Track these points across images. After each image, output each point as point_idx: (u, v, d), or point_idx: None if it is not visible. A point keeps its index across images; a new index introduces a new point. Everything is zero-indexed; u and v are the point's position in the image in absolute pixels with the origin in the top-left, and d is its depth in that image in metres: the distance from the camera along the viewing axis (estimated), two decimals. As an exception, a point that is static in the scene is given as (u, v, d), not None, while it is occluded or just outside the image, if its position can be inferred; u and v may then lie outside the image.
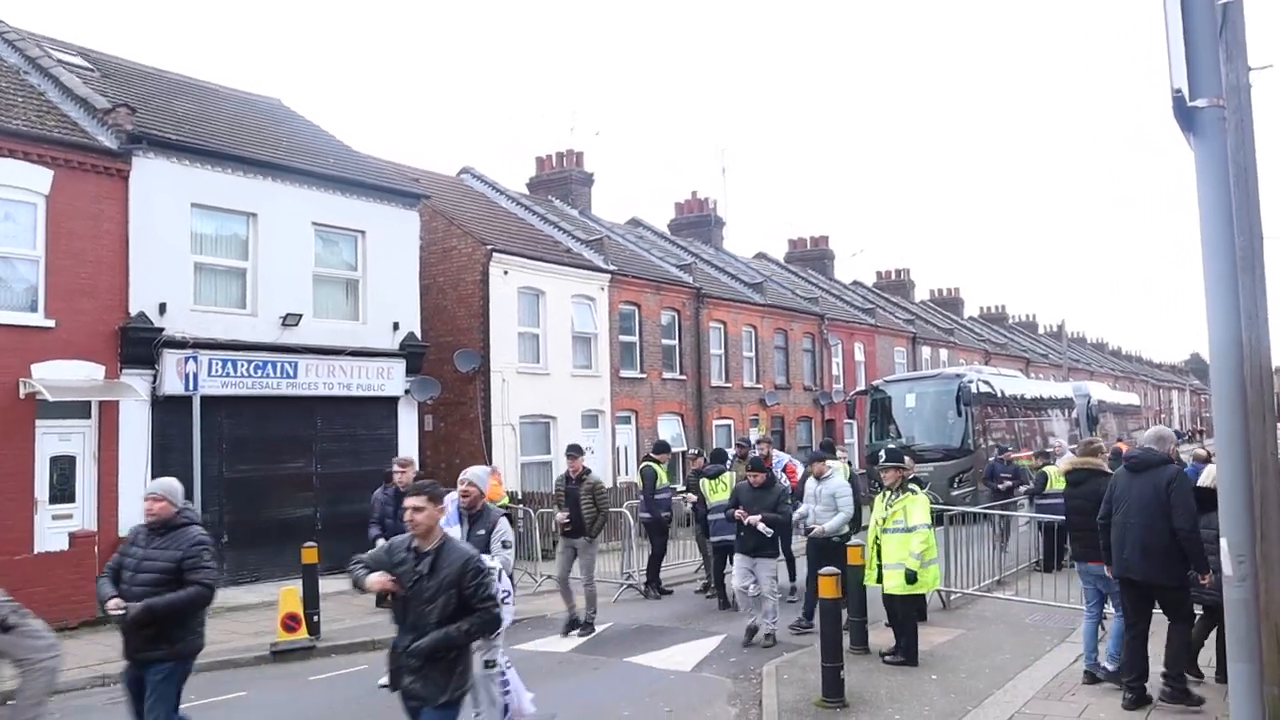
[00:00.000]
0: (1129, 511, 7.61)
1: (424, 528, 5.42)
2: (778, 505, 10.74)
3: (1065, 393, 35.19)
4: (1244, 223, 6.91)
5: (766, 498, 10.78)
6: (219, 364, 15.61)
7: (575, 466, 12.06)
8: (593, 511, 11.73)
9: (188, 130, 16.54)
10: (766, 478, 10.98)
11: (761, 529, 10.49)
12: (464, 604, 5.29)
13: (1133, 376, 77.40)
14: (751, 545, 10.65)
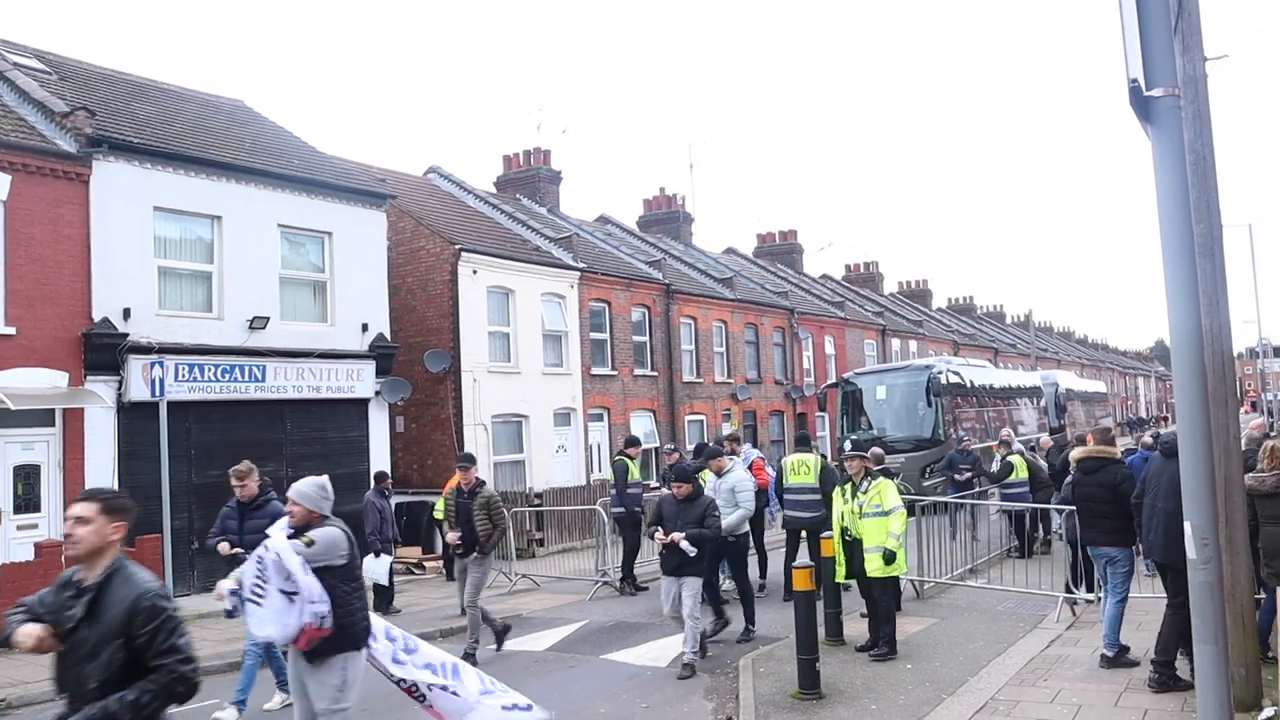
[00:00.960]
0: (1158, 495, 7.73)
1: (87, 549, 3.97)
2: (704, 518, 9.57)
3: (1034, 382, 35.53)
4: (1202, 211, 7.03)
5: (691, 511, 9.66)
6: (186, 369, 15.45)
7: (467, 479, 11.03)
8: (487, 527, 10.76)
9: (149, 133, 16.36)
10: (693, 488, 9.89)
11: (684, 547, 9.42)
12: (134, 661, 3.77)
13: (1099, 364, 78.23)
14: (674, 564, 9.64)
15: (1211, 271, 6.99)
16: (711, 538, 9.75)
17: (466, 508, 10.88)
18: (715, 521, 9.74)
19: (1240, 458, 7.45)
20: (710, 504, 9.87)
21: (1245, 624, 6.96)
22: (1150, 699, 7.55)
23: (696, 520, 9.61)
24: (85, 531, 3.98)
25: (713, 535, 9.73)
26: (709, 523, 9.63)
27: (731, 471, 10.77)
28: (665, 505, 9.92)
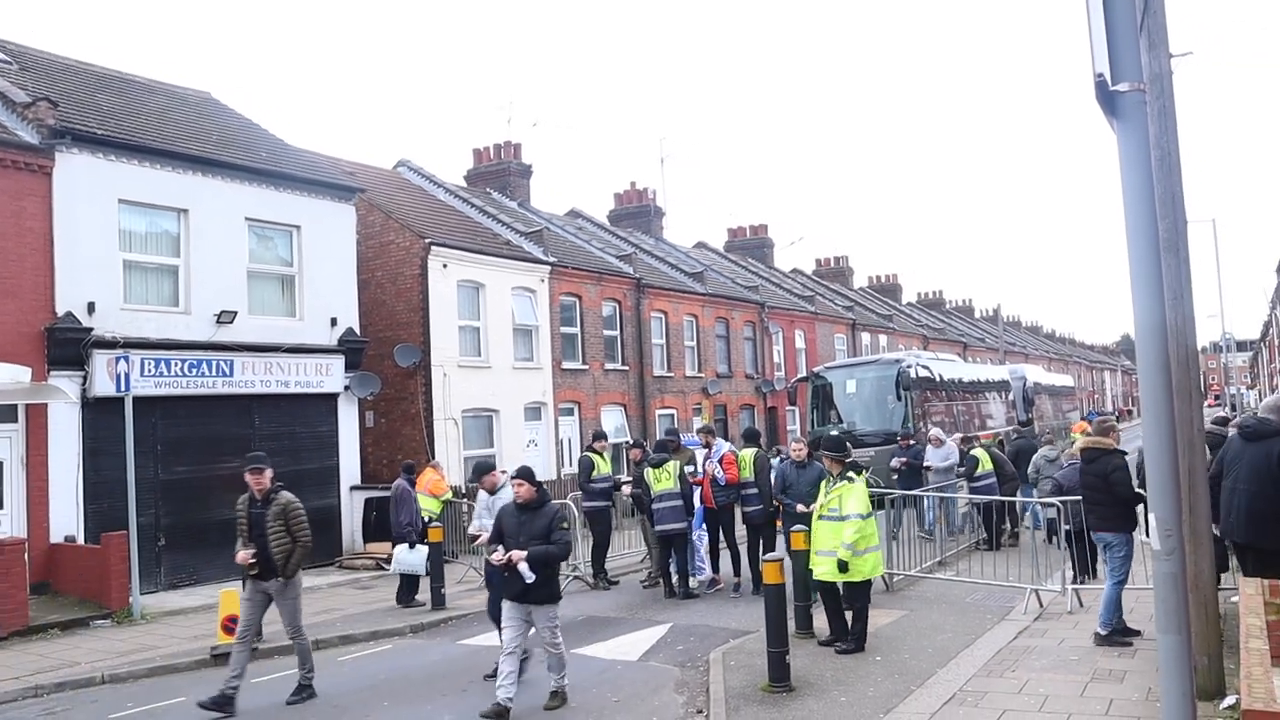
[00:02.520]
0: (1239, 477, 7.77)
1: None
2: (550, 532, 8.11)
3: (1002, 376, 35.79)
4: (1168, 206, 7.11)
5: (535, 523, 8.18)
6: (152, 363, 15.28)
7: (259, 484, 9.05)
8: (285, 543, 8.90)
9: (113, 125, 16.15)
10: (537, 494, 8.33)
11: (523, 572, 7.94)
12: None
13: (1066, 358, 79.00)
14: (518, 589, 8.07)
15: (1176, 266, 7.07)
16: (559, 557, 8.27)
17: (259, 519, 8.96)
18: (564, 536, 8.29)
19: (1204, 450, 7.55)
20: (557, 514, 8.29)
21: (1208, 614, 7.06)
22: (1115, 689, 7.64)
23: (541, 534, 8.13)
24: None
25: (560, 554, 8.27)
26: (557, 538, 8.15)
27: (506, 486, 8.98)
28: (505, 516, 8.42)
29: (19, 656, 11.18)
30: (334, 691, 9.32)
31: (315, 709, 8.76)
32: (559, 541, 8.18)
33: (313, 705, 8.89)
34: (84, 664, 10.73)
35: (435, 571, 13.38)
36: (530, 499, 8.31)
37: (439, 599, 13.18)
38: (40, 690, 9.83)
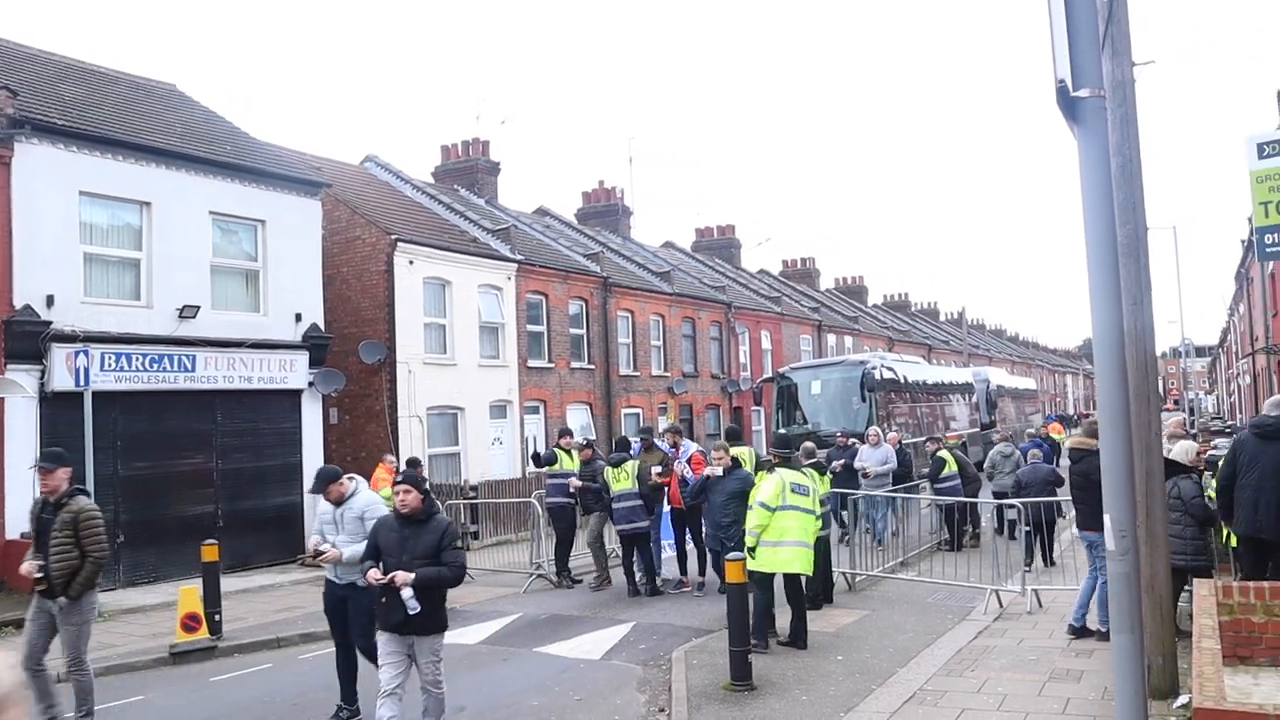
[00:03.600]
0: (1263, 475, 7.89)
1: None
2: (440, 550, 6.71)
3: (966, 378, 36.16)
4: (1128, 212, 7.21)
5: (421, 539, 6.73)
6: (112, 358, 15.08)
7: (50, 485, 7.75)
8: (72, 558, 7.50)
9: (75, 115, 15.92)
10: (424, 504, 6.87)
11: (405, 600, 6.54)
12: None
13: (1029, 362, 79.87)
14: (399, 618, 6.64)
15: (1136, 271, 7.17)
16: (451, 581, 6.85)
17: (46, 526, 7.65)
18: (458, 557, 6.86)
19: (1161, 454, 7.67)
20: (449, 529, 6.86)
21: (1163, 614, 7.17)
22: (1072, 688, 7.75)
23: (428, 552, 6.70)
24: None
25: (453, 578, 6.83)
26: (449, 558, 6.75)
27: (356, 495, 7.85)
28: (384, 531, 6.95)
29: (-28, 654, 10.99)
30: (294, 689, 9.25)
31: (274, 707, 8.69)
32: (452, 563, 6.74)
33: (272, 703, 8.82)
34: (39, 662, 10.55)
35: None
36: (416, 510, 6.77)
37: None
38: None
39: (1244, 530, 8.07)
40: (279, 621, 12.38)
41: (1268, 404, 8.72)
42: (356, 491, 7.89)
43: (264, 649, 11.19)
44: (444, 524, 6.91)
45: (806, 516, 9.66)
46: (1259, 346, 29.54)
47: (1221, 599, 6.32)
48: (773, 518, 9.54)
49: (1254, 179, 10.16)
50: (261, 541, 17.40)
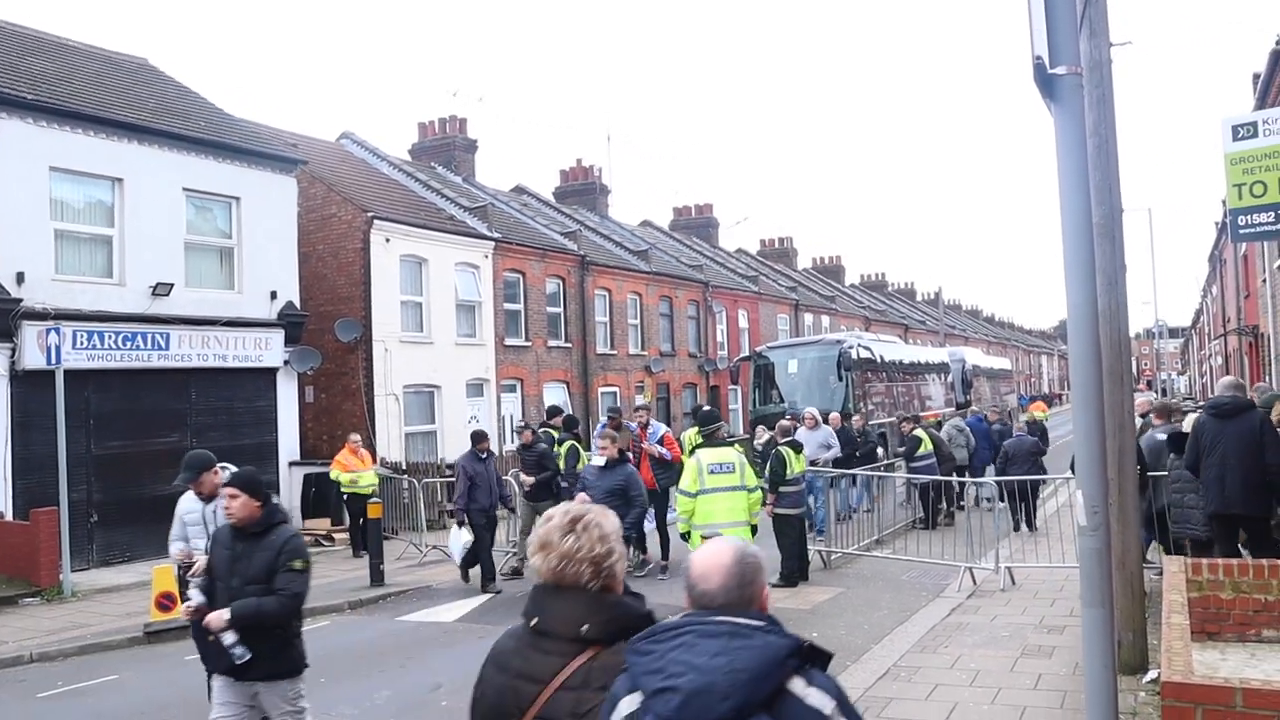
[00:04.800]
0: (1226, 453, 8.00)
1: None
2: (273, 572, 5.17)
3: (941, 358, 36.34)
4: (1104, 193, 7.24)
5: (255, 558, 5.24)
6: (84, 336, 14.94)
7: None
8: None
9: (45, 90, 15.68)
10: (262, 512, 5.30)
11: (227, 644, 5.12)
12: None
13: (1005, 342, 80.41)
14: (229, 664, 5.20)
15: (1111, 252, 7.21)
16: (277, 615, 5.17)
17: None
18: (294, 584, 5.20)
19: (1134, 432, 7.74)
20: (288, 545, 5.27)
21: (1134, 590, 7.26)
22: (1044, 664, 7.83)
23: (260, 575, 5.19)
24: None
25: (280, 611, 5.17)
26: (282, 584, 5.16)
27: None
28: (217, 546, 5.48)
29: (-56, 634, 10.92)
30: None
31: (251, 686, 8.67)
32: (282, 590, 5.15)
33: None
34: (10, 643, 10.51)
35: (374, 548, 13.28)
36: (247, 521, 5.28)
37: (377, 575, 13.09)
38: (-33, 668, 9.61)
39: (1214, 508, 8.20)
40: (255, 600, 12.34)
41: (1220, 385, 8.85)
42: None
43: (240, 628, 11.15)
44: (284, 538, 5.30)
45: (735, 494, 9.50)
46: (1231, 328, 29.86)
47: (1191, 576, 6.40)
48: (696, 502, 9.44)
49: (1228, 161, 10.23)
50: (237, 520, 17.32)
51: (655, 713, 2.12)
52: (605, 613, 2.56)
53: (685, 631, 2.22)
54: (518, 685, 2.56)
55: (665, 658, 2.18)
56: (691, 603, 2.36)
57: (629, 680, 2.25)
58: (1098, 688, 3.73)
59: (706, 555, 2.38)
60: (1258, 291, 22.52)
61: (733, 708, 2.06)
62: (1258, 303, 22.68)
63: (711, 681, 2.08)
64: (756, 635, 2.18)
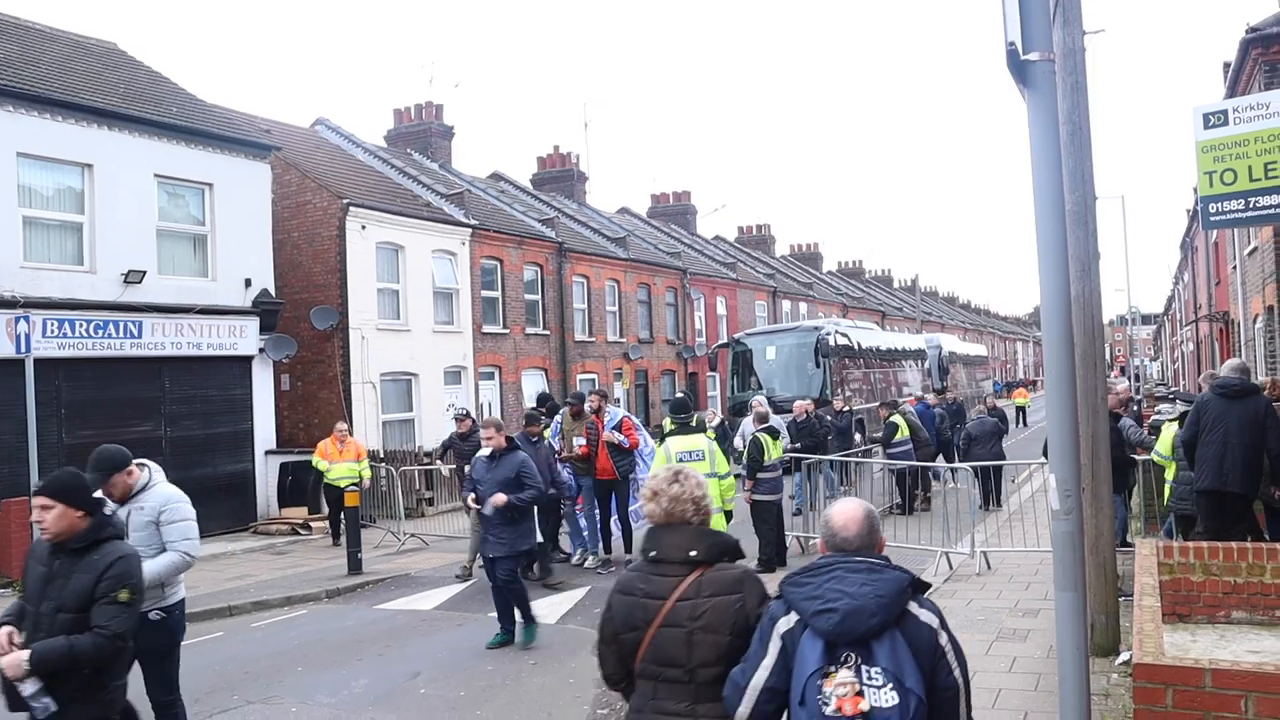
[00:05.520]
0: (1228, 433, 8.14)
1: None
2: (90, 601, 4.26)
3: (919, 344, 36.57)
4: (1077, 180, 7.28)
5: (72, 580, 4.34)
6: (55, 324, 14.77)
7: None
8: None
9: (10, 74, 15.44)
10: (88, 521, 4.45)
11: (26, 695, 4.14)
12: None
13: (981, 329, 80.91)
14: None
15: (1084, 238, 7.26)
16: (92, 658, 4.20)
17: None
18: (111, 618, 4.23)
19: (1107, 417, 7.81)
20: (112, 567, 4.30)
21: (1106, 574, 7.33)
22: (1019, 647, 7.90)
23: (76, 600, 4.27)
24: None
25: (93, 654, 4.19)
26: (104, 620, 4.22)
27: (150, 489, 5.67)
28: (30, 564, 4.62)
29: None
30: (246, 657, 9.19)
31: (226, 675, 8.63)
32: (102, 630, 4.20)
33: (224, 671, 8.76)
34: (-16, 632, 10.39)
35: (352, 536, 13.23)
36: (68, 534, 4.38)
37: (355, 564, 13.05)
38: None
39: (1208, 484, 8.36)
40: (231, 589, 12.28)
41: (1226, 367, 8.97)
42: (151, 484, 5.73)
43: (216, 617, 11.09)
44: (110, 559, 4.32)
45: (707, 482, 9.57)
46: (1202, 314, 30.14)
47: (1162, 559, 6.46)
48: None
49: (1199, 149, 10.29)
50: (212, 510, 17.17)
51: (817, 628, 2.88)
52: (706, 540, 3.39)
53: (835, 568, 2.99)
54: (643, 602, 3.35)
55: (821, 588, 2.94)
56: (831, 548, 3.10)
57: (784, 605, 3.01)
58: (1070, 670, 3.77)
59: (843, 511, 3.13)
60: (1228, 278, 22.72)
61: (879, 622, 2.84)
62: (1228, 289, 22.89)
63: (861, 604, 2.86)
64: (886, 570, 2.97)
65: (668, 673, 3.28)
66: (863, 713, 2.78)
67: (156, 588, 5.50)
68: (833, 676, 2.84)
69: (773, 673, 2.96)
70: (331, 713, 7.41)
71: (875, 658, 2.84)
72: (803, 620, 2.93)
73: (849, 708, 2.78)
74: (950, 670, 2.92)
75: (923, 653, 2.88)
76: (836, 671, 2.84)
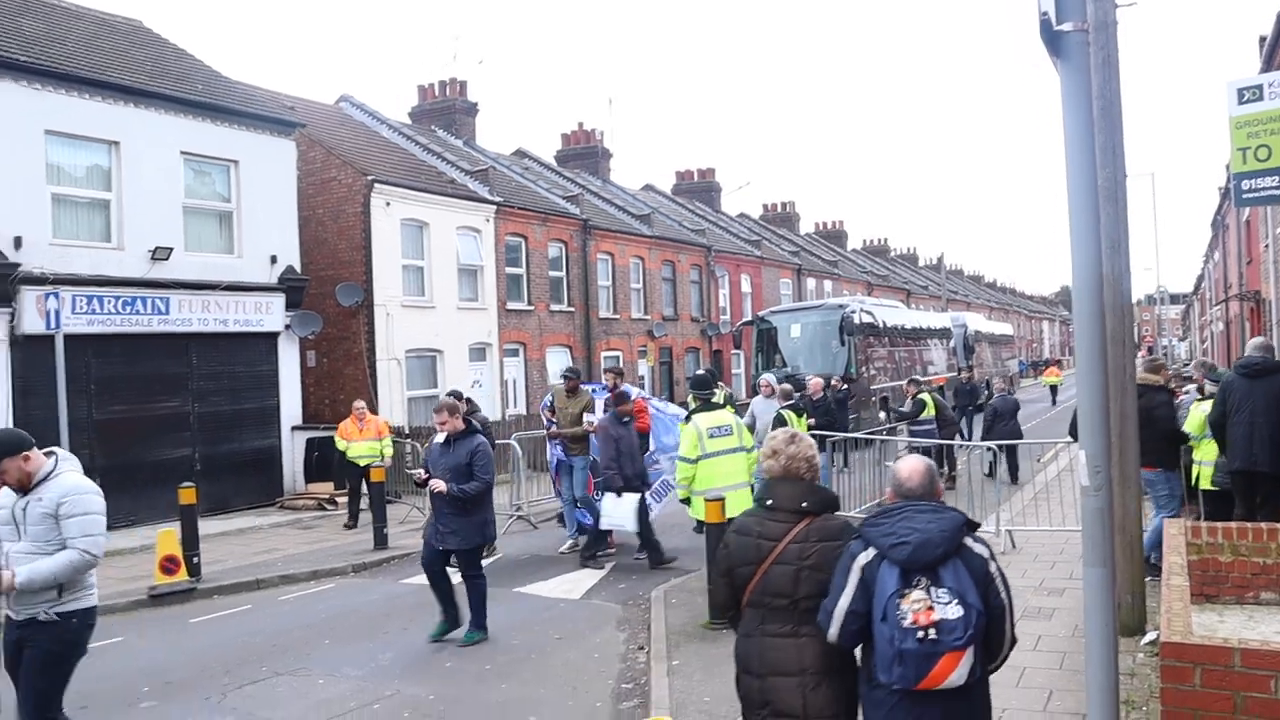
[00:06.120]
0: (1254, 412, 8.13)
1: None
2: None
3: (944, 323, 36.29)
4: (1108, 155, 7.18)
5: None
6: (84, 300, 14.91)
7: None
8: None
9: (38, 51, 15.54)
10: None
11: None
12: None
13: (1007, 308, 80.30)
14: None
15: (1114, 215, 7.16)
16: None
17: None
18: None
19: (1135, 396, 7.74)
20: None
21: (1133, 553, 7.28)
22: (1044, 625, 7.86)
23: None
24: None
25: None
26: None
27: (53, 479, 5.17)
28: None
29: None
30: (274, 630, 9.30)
31: (254, 647, 8.73)
32: None
33: (252, 643, 8.86)
34: (17, 604, 10.55)
35: (378, 511, 13.33)
36: None
37: (381, 539, 13.15)
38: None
39: (1239, 465, 8.31)
40: (258, 564, 12.41)
41: (1250, 345, 8.87)
42: (55, 473, 5.18)
43: (243, 590, 11.22)
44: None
45: (735, 456, 9.62)
46: (1233, 293, 29.77)
47: (1190, 539, 6.41)
48: (697, 468, 9.53)
49: (1233, 125, 10.13)
50: (239, 485, 17.40)
51: (894, 558, 3.52)
52: (816, 494, 4.03)
53: (904, 510, 3.67)
54: (758, 543, 3.95)
55: (894, 526, 3.60)
56: (899, 495, 3.79)
57: (862, 543, 3.65)
58: (1098, 647, 3.74)
59: (908, 465, 3.86)
60: (1260, 257, 22.42)
61: (943, 552, 3.51)
62: (1260, 268, 22.59)
63: (929, 538, 3.52)
64: (946, 511, 3.64)
65: (775, 602, 3.89)
66: (933, 622, 3.44)
67: (50, 589, 4.99)
68: (908, 596, 3.49)
69: (854, 599, 3.60)
70: (358, 684, 7.49)
71: (941, 580, 3.50)
72: (880, 554, 3.58)
73: (923, 619, 3.44)
74: (999, 593, 3.58)
75: (978, 577, 3.53)
76: (911, 592, 3.49)
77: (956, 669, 3.48)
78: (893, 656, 3.51)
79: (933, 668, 3.48)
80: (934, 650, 3.46)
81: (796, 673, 3.85)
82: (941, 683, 3.50)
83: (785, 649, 3.87)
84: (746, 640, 4.02)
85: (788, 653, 3.87)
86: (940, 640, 3.45)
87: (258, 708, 7.10)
